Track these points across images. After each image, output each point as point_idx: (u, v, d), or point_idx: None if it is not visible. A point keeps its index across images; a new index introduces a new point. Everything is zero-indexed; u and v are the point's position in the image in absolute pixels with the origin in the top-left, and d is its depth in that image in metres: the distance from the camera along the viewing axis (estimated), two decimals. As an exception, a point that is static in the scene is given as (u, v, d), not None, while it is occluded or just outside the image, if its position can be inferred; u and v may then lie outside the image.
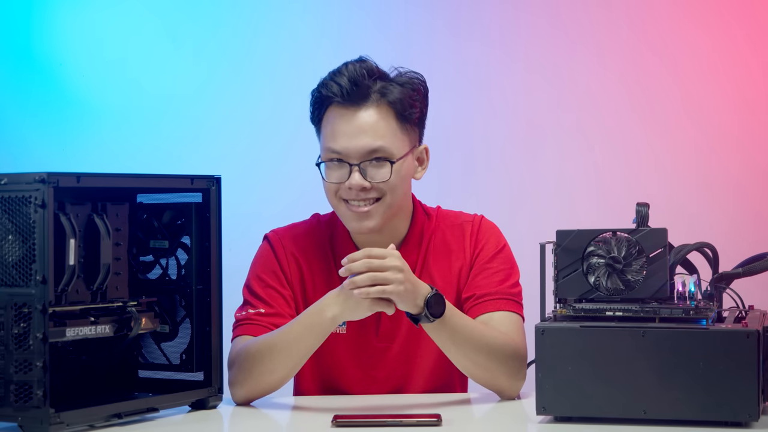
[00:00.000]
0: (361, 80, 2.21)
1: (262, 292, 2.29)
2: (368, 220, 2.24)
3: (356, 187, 2.20)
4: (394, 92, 2.23)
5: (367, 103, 2.22)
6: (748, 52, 3.64)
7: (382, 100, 2.22)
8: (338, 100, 2.22)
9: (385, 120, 2.22)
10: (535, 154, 3.73)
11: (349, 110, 2.22)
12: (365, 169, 2.21)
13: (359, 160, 2.21)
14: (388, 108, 2.22)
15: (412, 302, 2.07)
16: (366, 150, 2.21)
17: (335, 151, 2.22)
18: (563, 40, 3.71)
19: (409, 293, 2.05)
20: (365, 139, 2.20)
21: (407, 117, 2.24)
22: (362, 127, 2.21)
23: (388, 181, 2.22)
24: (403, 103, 2.23)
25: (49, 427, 1.84)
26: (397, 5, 3.78)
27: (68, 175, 1.89)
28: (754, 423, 1.84)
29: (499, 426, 2.07)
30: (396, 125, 2.23)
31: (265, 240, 2.36)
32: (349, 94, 2.20)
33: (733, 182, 3.64)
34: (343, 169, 2.22)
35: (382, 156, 2.21)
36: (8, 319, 1.86)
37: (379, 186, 2.22)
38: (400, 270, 2.04)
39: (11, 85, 3.88)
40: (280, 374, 2.16)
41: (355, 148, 2.21)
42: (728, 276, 2.03)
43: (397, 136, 2.23)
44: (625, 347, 1.87)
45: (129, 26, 3.85)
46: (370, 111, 2.22)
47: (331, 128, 2.23)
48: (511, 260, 2.33)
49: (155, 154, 3.78)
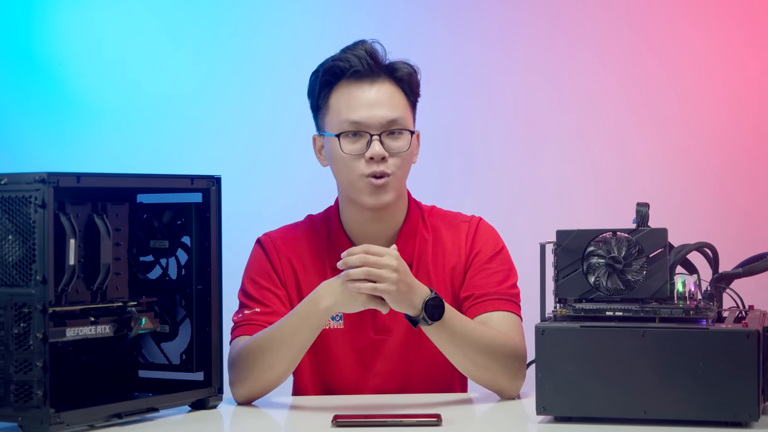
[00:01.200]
0: (378, 55, 2.27)
1: (256, 293, 2.29)
2: (385, 193, 2.25)
3: (378, 156, 2.22)
4: (403, 70, 2.29)
5: (381, 77, 2.27)
6: (746, 54, 3.64)
7: (393, 76, 2.28)
8: (354, 73, 2.25)
9: (399, 94, 2.28)
10: (535, 154, 3.73)
11: (365, 83, 2.26)
12: (383, 140, 2.24)
13: (379, 130, 2.24)
14: (398, 84, 2.28)
15: (407, 304, 2.07)
16: (386, 120, 2.24)
17: (354, 122, 2.24)
18: (563, 40, 3.71)
19: (403, 294, 2.06)
20: (384, 110, 2.25)
21: (414, 95, 2.31)
22: (381, 99, 2.25)
23: (405, 153, 2.25)
24: (411, 82, 2.30)
25: (49, 427, 1.84)
26: (397, 5, 3.78)
27: (68, 175, 1.89)
28: (754, 423, 1.84)
29: (499, 426, 2.07)
30: (406, 101, 2.29)
31: (257, 244, 2.37)
32: (368, 65, 2.25)
33: (733, 182, 3.64)
34: (361, 140, 2.24)
35: (399, 127, 2.25)
36: (8, 319, 1.86)
37: (395, 157, 2.24)
38: (394, 270, 2.05)
39: (11, 85, 3.88)
40: (280, 369, 2.16)
41: (376, 118, 2.24)
42: (728, 276, 2.03)
43: (407, 112, 2.29)
44: (625, 347, 1.87)
45: (129, 26, 3.85)
46: (387, 84, 2.28)
47: (346, 101, 2.26)
48: (509, 262, 2.34)
49: (155, 154, 3.78)
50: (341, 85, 2.26)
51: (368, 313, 2.27)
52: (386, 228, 2.31)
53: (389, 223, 2.31)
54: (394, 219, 2.32)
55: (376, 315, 2.30)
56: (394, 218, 2.32)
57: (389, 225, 2.31)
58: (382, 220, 2.30)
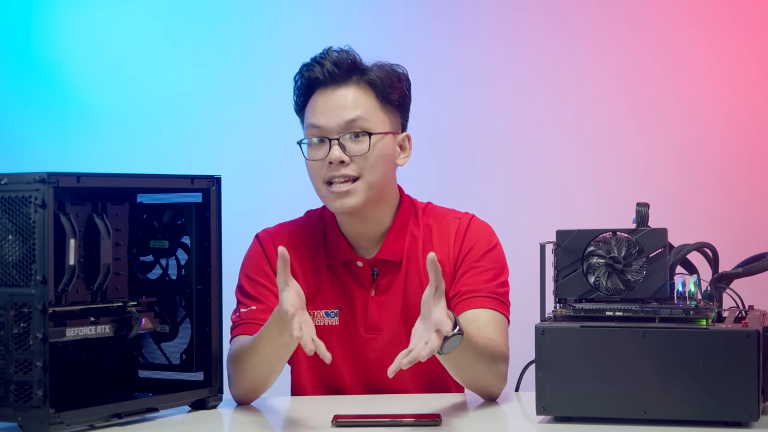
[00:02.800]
0: (342, 62, 2.27)
1: (252, 290, 2.30)
2: (348, 198, 2.25)
3: (336, 160, 2.22)
4: (373, 72, 2.29)
5: (347, 82, 2.27)
6: (746, 53, 3.64)
7: (361, 79, 2.28)
8: (319, 81, 2.26)
9: (364, 96, 2.27)
10: (535, 154, 3.73)
11: (329, 88, 2.27)
12: (344, 144, 2.24)
13: (338, 133, 2.24)
14: (368, 86, 2.28)
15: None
16: (344, 121, 2.24)
17: (315, 126, 2.25)
18: (563, 40, 3.71)
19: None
20: (343, 112, 2.25)
21: (387, 97, 2.29)
22: (340, 102, 2.26)
23: (367, 155, 2.24)
24: (383, 83, 2.28)
25: (49, 427, 1.84)
26: (397, 5, 3.78)
27: (68, 175, 1.89)
28: (754, 423, 1.84)
29: (499, 426, 2.07)
30: (375, 103, 2.28)
31: (255, 239, 2.37)
32: (331, 74, 2.26)
33: (733, 182, 3.64)
34: (324, 146, 2.25)
35: (360, 130, 2.24)
36: (8, 319, 1.86)
37: (357, 161, 2.23)
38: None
39: (12, 85, 3.88)
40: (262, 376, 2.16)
41: (335, 121, 2.24)
42: (728, 276, 2.03)
43: (377, 114, 2.27)
44: (625, 347, 1.87)
45: (129, 26, 3.85)
46: (351, 88, 2.27)
47: (312, 107, 2.27)
48: (501, 260, 2.33)
49: (155, 154, 3.78)
50: (312, 94, 2.28)
51: (360, 311, 2.30)
52: (374, 227, 2.31)
53: (376, 223, 2.31)
54: (380, 219, 2.32)
55: (367, 313, 2.30)
56: (381, 218, 2.32)
57: (376, 225, 2.31)
58: (366, 221, 2.30)
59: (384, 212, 2.32)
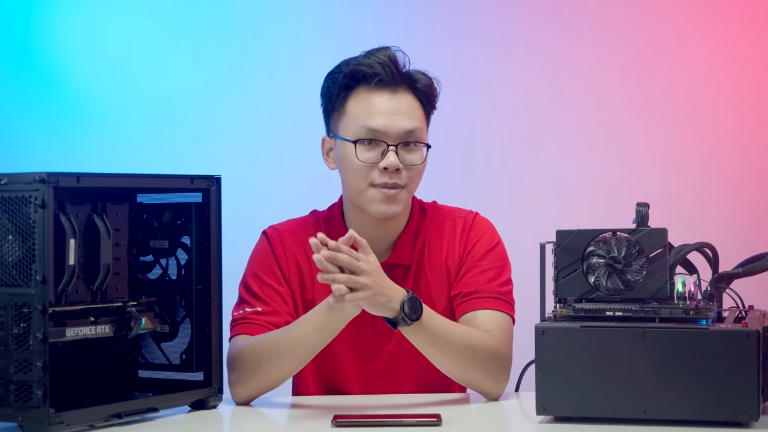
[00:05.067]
0: (398, 64, 2.25)
1: (258, 290, 2.29)
2: (395, 204, 2.24)
3: (393, 167, 2.21)
4: (423, 81, 2.27)
5: (402, 86, 2.25)
6: (747, 53, 3.64)
7: (413, 87, 2.26)
8: (381, 81, 2.22)
9: (417, 105, 2.27)
10: (535, 153, 3.73)
11: (386, 91, 2.24)
12: (399, 151, 2.22)
13: (396, 141, 2.22)
14: (417, 95, 2.26)
15: (384, 307, 2.06)
16: (404, 131, 2.23)
17: (372, 129, 2.22)
18: (563, 40, 3.71)
19: (379, 298, 2.05)
20: (403, 120, 2.23)
21: (430, 109, 2.29)
22: (401, 109, 2.23)
23: (420, 166, 2.24)
24: (429, 95, 2.28)
25: (49, 427, 1.84)
26: (397, 5, 3.78)
27: (68, 175, 1.89)
28: (754, 423, 1.84)
29: (499, 426, 2.07)
30: (422, 113, 2.28)
31: (263, 236, 2.36)
32: (391, 74, 2.23)
33: (732, 182, 3.64)
34: (377, 149, 2.23)
35: (416, 140, 2.24)
36: (8, 319, 1.86)
37: (410, 170, 2.23)
38: (367, 274, 2.04)
39: (11, 85, 3.87)
40: (285, 373, 2.17)
41: (394, 128, 2.22)
42: (728, 276, 2.03)
43: (424, 124, 2.28)
44: (625, 347, 1.87)
45: (129, 26, 3.85)
46: (407, 95, 2.26)
47: (365, 107, 2.23)
48: (503, 258, 2.33)
49: (155, 154, 3.78)
50: (360, 90, 2.24)
51: (368, 315, 2.27)
52: (388, 233, 2.31)
53: (392, 228, 2.31)
54: (396, 225, 2.31)
55: (376, 317, 2.30)
56: (397, 224, 2.32)
57: (392, 231, 2.31)
58: (384, 227, 2.30)
59: (402, 218, 2.32)
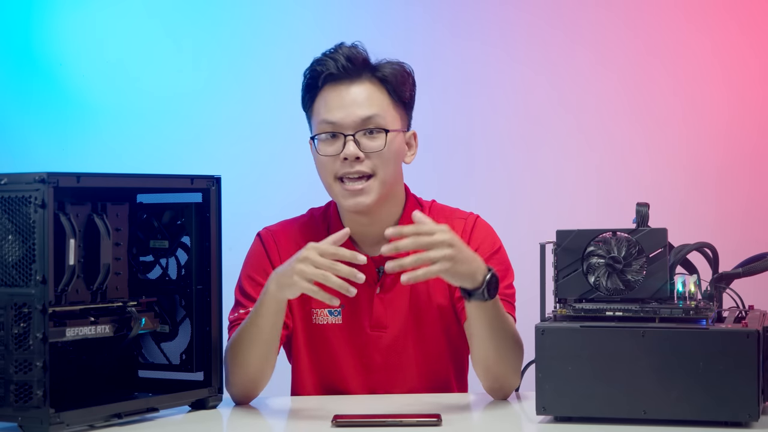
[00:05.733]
0: (355, 57, 2.26)
1: (252, 291, 2.29)
2: (363, 196, 2.24)
3: (351, 156, 2.21)
4: (386, 69, 2.28)
5: (360, 78, 2.26)
6: (746, 53, 3.64)
7: (374, 76, 2.27)
8: (333, 76, 2.24)
9: (377, 93, 2.27)
10: (535, 153, 3.73)
11: (343, 84, 2.26)
12: (359, 140, 2.23)
13: (354, 130, 2.23)
14: (381, 83, 2.27)
15: (469, 278, 2.04)
16: (360, 118, 2.23)
17: (329, 122, 2.24)
18: (563, 40, 3.71)
19: (462, 267, 2.01)
20: (360, 109, 2.24)
21: (399, 94, 2.29)
22: (356, 99, 2.25)
23: (382, 152, 2.23)
24: (396, 80, 2.28)
25: (49, 427, 1.84)
26: (397, 5, 3.78)
27: (68, 175, 1.89)
28: (754, 423, 1.84)
29: (499, 426, 2.07)
30: (388, 100, 2.27)
31: (257, 238, 2.37)
32: (345, 68, 2.24)
33: (733, 182, 3.64)
34: (337, 142, 2.24)
35: (375, 126, 2.24)
36: (8, 319, 1.86)
37: (372, 158, 2.23)
38: (449, 245, 2.00)
39: (11, 85, 3.88)
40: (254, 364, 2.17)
41: (350, 118, 2.23)
42: (728, 276, 2.03)
43: (389, 111, 2.27)
44: (625, 347, 1.87)
45: (129, 26, 3.85)
46: (365, 84, 2.26)
47: (324, 102, 2.26)
48: (505, 261, 2.33)
49: (155, 154, 3.78)
50: (323, 89, 2.27)
51: (365, 309, 2.28)
52: (380, 225, 2.30)
53: (383, 221, 2.30)
54: (387, 217, 2.31)
55: (372, 311, 2.30)
56: (388, 216, 2.31)
57: (383, 223, 2.30)
58: (374, 219, 2.29)
59: (392, 210, 2.32)
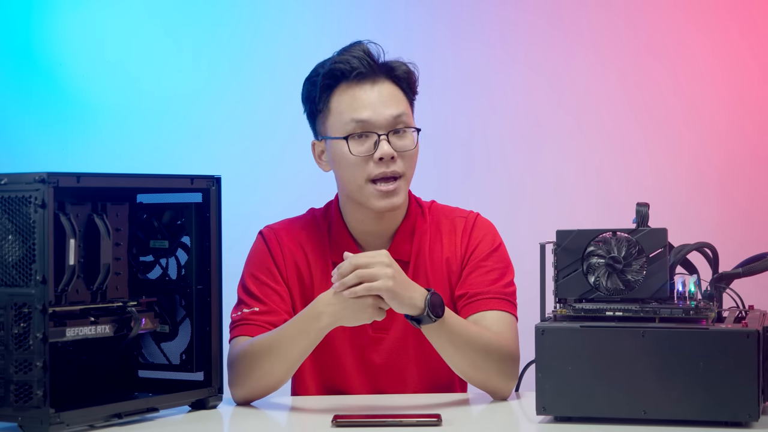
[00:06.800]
0: (375, 55, 2.26)
1: (256, 290, 2.29)
2: (396, 197, 2.25)
3: (387, 156, 2.21)
4: (400, 68, 2.28)
5: (381, 77, 2.26)
6: (746, 54, 3.64)
7: (392, 75, 2.27)
8: (356, 74, 2.23)
9: (398, 91, 2.28)
10: (535, 154, 3.73)
11: (366, 83, 2.25)
12: (390, 140, 2.23)
13: (386, 129, 2.23)
14: (398, 83, 2.28)
15: (407, 302, 2.07)
16: (392, 117, 2.23)
17: (361, 121, 2.23)
18: (563, 40, 3.71)
19: (402, 290, 2.05)
20: (389, 108, 2.24)
21: (412, 93, 2.30)
22: (383, 98, 2.24)
23: (412, 151, 2.24)
24: (408, 80, 2.29)
25: (49, 427, 1.84)
26: (397, 5, 3.78)
27: (68, 175, 1.89)
28: (754, 423, 1.84)
29: (499, 426, 2.07)
30: (406, 100, 2.29)
31: (259, 236, 2.36)
32: (368, 66, 2.24)
33: (733, 182, 3.64)
34: (368, 141, 2.23)
35: (405, 125, 2.25)
36: (8, 319, 1.86)
37: (404, 157, 2.23)
38: (387, 266, 2.05)
39: (11, 85, 3.88)
40: (277, 375, 2.17)
41: (382, 116, 2.23)
42: (728, 276, 2.03)
43: (409, 110, 2.29)
44: (625, 347, 1.87)
45: (129, 26, 3.85)
46: (387, 83, 2.27)
47: (349, 102, 2.24)
48: (506, 259, 2.34)
49: (155, 154, 3.78)
50: (341, 87, 2.25)
51: None
52: (387, 227, 2.31)
53: (391, 221, 2.31)
54: (395, 217, 2.32)
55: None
56: (396, 217, 2.32)
57: (390, 224, 2.31)
58: (384, 220, 2.30)
59: (400, 211, 2.32)
